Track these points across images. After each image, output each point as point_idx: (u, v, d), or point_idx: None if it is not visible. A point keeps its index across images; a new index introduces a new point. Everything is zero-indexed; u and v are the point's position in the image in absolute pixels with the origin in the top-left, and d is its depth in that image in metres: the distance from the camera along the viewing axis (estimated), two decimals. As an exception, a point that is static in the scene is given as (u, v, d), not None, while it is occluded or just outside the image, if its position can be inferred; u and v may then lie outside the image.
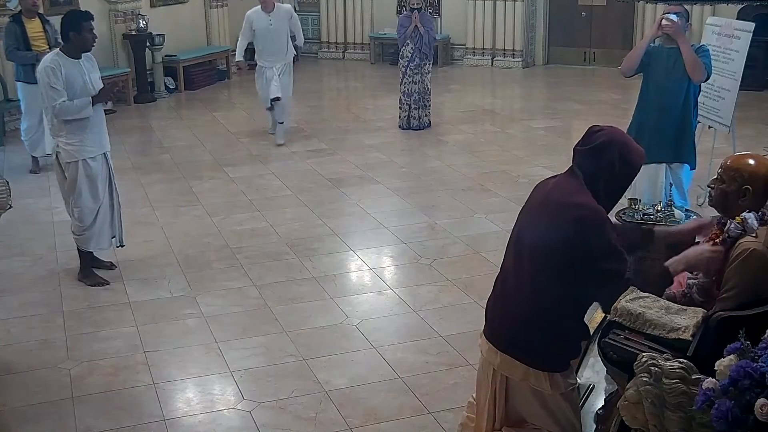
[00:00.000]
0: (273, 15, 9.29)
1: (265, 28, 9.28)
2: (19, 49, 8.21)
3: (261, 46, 9.40)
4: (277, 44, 9.35)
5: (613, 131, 3.09)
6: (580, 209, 2.98)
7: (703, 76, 5.60)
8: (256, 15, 9.33)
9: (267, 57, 9.39)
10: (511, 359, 3.15)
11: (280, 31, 9.31)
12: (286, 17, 9.39)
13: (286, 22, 9.36)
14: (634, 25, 13.56)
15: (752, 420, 2.24)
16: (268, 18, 9.27)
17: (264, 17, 9.28)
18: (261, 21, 9.27)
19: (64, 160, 5.59)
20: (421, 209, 7.29)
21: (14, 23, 8.31)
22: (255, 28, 9.29)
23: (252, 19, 9.31)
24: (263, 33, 9.30)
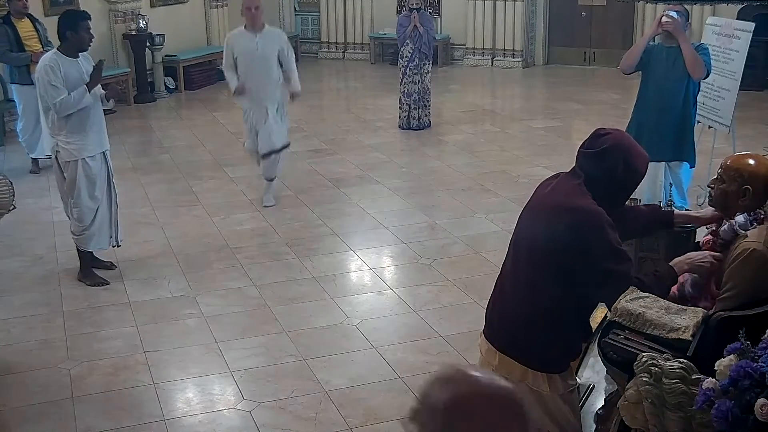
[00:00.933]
0: (261, 37, 7.01)
1: (249, 52, 6.98)
2: (12, 50, 8.17)
3: (244, 77, 7.04)
4: (266, 76, 7.01)
5: (619, 136, 3.08)
6: (577, 212, 2.98)
7: (703, 73, 5.60)
8: (238, 37, 7.08)
9: (253, 94, 7.05)
10: (510, 360, 3.14)
11: (270, 59, 7.03)
12: (278, 42, 7.11)
13: (278, 48, 7.10)
14: (634, 25, 13.55)
15: (752, 420, 2.24)
16: (254, 40, 6.98)
17: (249, 39, 7.00)
18: (244, 44, 7.01)
19: (63, 160, 5.59)
20: (421, 209, 7.29)
21: (4, 25, 8.24)
22: (237, 53, 6.98)
23: (232, 43, 7.06)
24: (247, 60, 6.99)
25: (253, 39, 6.97)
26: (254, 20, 6.95)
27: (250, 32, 6.99)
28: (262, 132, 7.13)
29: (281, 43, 7.09)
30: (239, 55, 6.98)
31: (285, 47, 7.10)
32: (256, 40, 6.97)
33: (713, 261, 3.14)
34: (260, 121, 7.14)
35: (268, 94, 7.08)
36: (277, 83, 7.11)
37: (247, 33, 7.00)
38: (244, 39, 7.00)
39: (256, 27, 7.00)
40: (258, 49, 6.96)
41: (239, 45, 6.99)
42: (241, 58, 6.99)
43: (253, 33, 6.98)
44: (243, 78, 7.01)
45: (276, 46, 7.05)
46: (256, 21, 6.96)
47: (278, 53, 7.04)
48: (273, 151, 7.20)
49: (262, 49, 6.98)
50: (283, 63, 7.08)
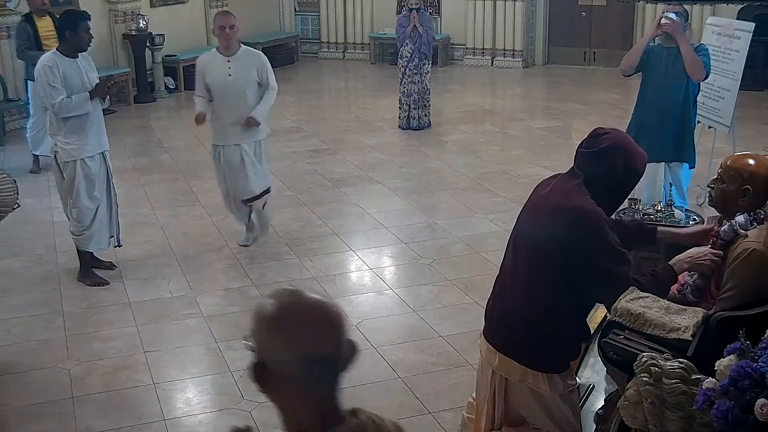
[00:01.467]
0: (235, 60, 5.98)
1: (220, 78, 5.94)
2: (30, 48, 8.23)
3: (216, 106, 6.05)
4: (240, 107, 5.96)
5: (618, 135, 3.08)
6: (577, 212, 2.98)
7: (702, 74, 5.60)
8: (209, 59, 6.07)
9: (225, 128, 6.04)
10: (510, 360, 3.15)
11: (245, 86, 5.96)
12: (255, 65, 6.03)
13: (254, 73, 6.02)
14: (634, 25, 13.55)
15: (752, 420, 2.24)
16: (227, 63, 5.97)
17: (220, 62, 5.98)
18: (215, 68, 5.98)
19: (62, 160, 5.60)
20: (421, 209, 7.29)
21: (25, 22, 8.37)
22: (208, 79, 5.99)
23: (203, 67, 6.05)
24: (218, 87, 5.97)
25: (225, 63, 5.95)
26: (228, 41, 5.94)
27: (222, 55, 5.99)
28: (237, 177, 6.11)
29: (258, 67, 6.02)
30: (210, 81, 5.97)
31: (263, 71, 6.03)
32: (228, 64, 5.94)
33: (713, 258, 3.13)
34: (232, 163, 6.07)
35: (243, 129, 6.00)
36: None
37: (219, 56, 6.00)
38: (215, 63, 5.98)
39: (229, 49, 5.97)
40: (231, 74, 5.94)
41: (210, 70, 5.97)
42: (212, 84, 5.97)
43: (225, 56, 5.98)
44: (215, 109, 6.04)
45: (252, 71, 5.98)
46: (230, 42, 5.94)
47: (257, 79, 6.02)
48: (253, 198, 6.23)
49: (236, 75, 5.93)
50: (261, 80, 6.06)
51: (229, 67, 5.96)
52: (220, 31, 5.96)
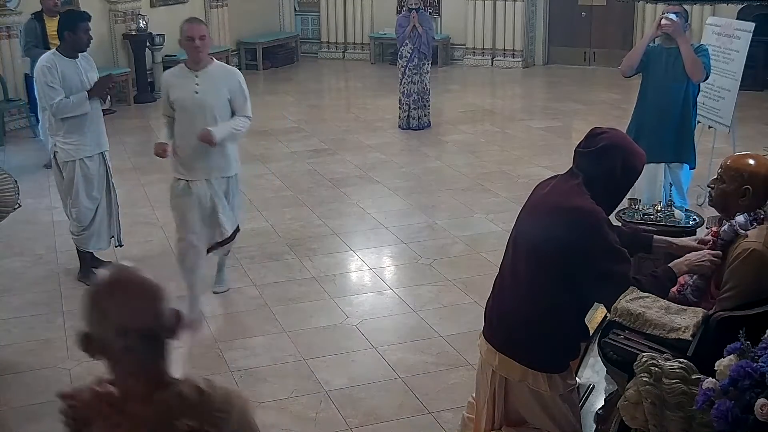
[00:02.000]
0: (203, 77, 5.02)
1: (186, 98, 5.00)
2: (38, 46, 8.28)
3: (180, 130, 5.08)
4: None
5: (616, 134, 3.09)
6: (576, 212, 2.98)
7: (702, 75, 5.60)
8: (174, 74, 5.15)
9: (190, 157, 5.05)
10: (510, 360, 3.15)
11: (214, 108, 5.00)
12: (227, 83, 5.08)
13: (225, 92, 5.05)
14: (634, 25, 13.55)
15: (752, 420, 2.24)
16: (194, 79, 5.00)
17: (186, 79, 5.03)
18: (181, 86, 5.04)
19: (61, 160, 5.60)
20: (421, 209, 7.29)
21: (35, 20, 8.49)
22: (172, 97, 5.06)
23: (167, 84, 5.15)
24: (183, 108, 5.03)
25: (192, 78, 4.98)
26: (197, 54, 4.98)
27: (190, 69, 5.02)
28: (209, 218, 5.17)
29: (231, 86, 5.06)
30: (175, 100, 5.04)
31: (237, 92, 5.07)
32: (195, 80, 4.97)
33: (713, 260, 3.14)
34: (198, 201, 5.09)
35: (212, 160, 5.05)
36: (225, 145, 5.08)
37: (186, 70, 5.04)
38: (181, 78, 5.03)
39: (198, 64, 5.01)
40: (198, 91, 4.96)
41: (175, 86, 5.04)
42: (176, 103, 5.04)
43: (192, 71, 5.01)
44: (178, 133, 5.06)
45: (223, 90, 5.02)
46: (199, 55, 4.98)
47: (229, 99, 5.06)
48: (223, 242, 5.33)
49: (204, 92, 4.96)
50: (234, 103, 5.09)
51: (196, 84, 4.97)
52: (189, 43, 4.95)
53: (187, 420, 1.70)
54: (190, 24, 5.07)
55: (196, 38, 4.96)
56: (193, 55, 5.02)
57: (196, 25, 5.06)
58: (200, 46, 4.97)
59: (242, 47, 14.48)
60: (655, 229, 4.63)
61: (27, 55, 8.63)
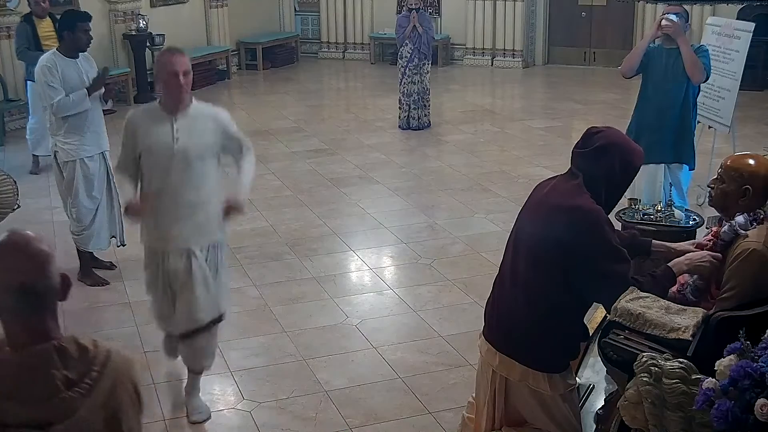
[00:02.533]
0: (183, 120, 3.98)
1: (162, 148, 3.95)
2: (30, 49, 8.25)
3: (151, 186, 4.03)
4: (191, 190, 4.00)
5: (612, 133, 3.09)
6: (576, 211, 2.98)
7: (702, 76, 5.60)
8: (143, 116, 4.06)
9: (166, 225, 4.02)
10: (510, 360, 3.15)
11: (198, 157, 3.98)
12: (214, 128, 4.04)
13: (212, 138, 4.02)
14: (634, 25, 13.55)
15: (752, 420, 2.24)
16: (172, 124, 3.96)
17: (161, 123, 3.98)
18: (155, 132, 3.97)
19: (62, 160, 5.60)
20: (421, 209, 7.29)
21: (25, 23, 8.39)
22: (142, 147, 3.98)
23: (135, 127, 4.02)
24: (157, 160, 3.98)
25: (169, 123, 3.94)
26: (181, 94, 3.91)
27: (166, 112, 3.96)
28: (179, 297, 4.05)
29: (218, 127, 4.04)
30: (145, 150, 3.96)
31: (228, 133, 4.08)
32: (174, 126, 3.93)
33: (712, 260, 3.14)
34: (176, 275, 4.03)
35: (195, 225, 4.00)
36: (210, 203, 4.02)
37: (161, 113, 3.97)
38: (155, 124, 3.95)
39: (177, 106, 3.94)
40: (178, 138, 3.92)
41: (147, 134, 3.96)
42: (148, 156, 3.96)
43: (170, 114, 3.95)
44: (150, 192, 4.01)
45: (209, 135, 4.00)
46: (183, 95, 3.92)
47: (213, 148, 4.03)
48: (198, 329, 4.11)
49: (186, 141, 3.92)
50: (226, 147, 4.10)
51: (175, 130, 3.91)
52: (172, 80, 3.88)
53: (66, 372, 1.79)
54: (171, 55, 3.93)
55: (180, 73, 3.87)
56: (176, 94, 3.91)
57: (180, 56, 3.92)
58: (185, 84, 3.91)
59: (242, 47, 14.48)
60: (655, 229, 4.64)
61: (21, 59, 8.58)
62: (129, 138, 4.03)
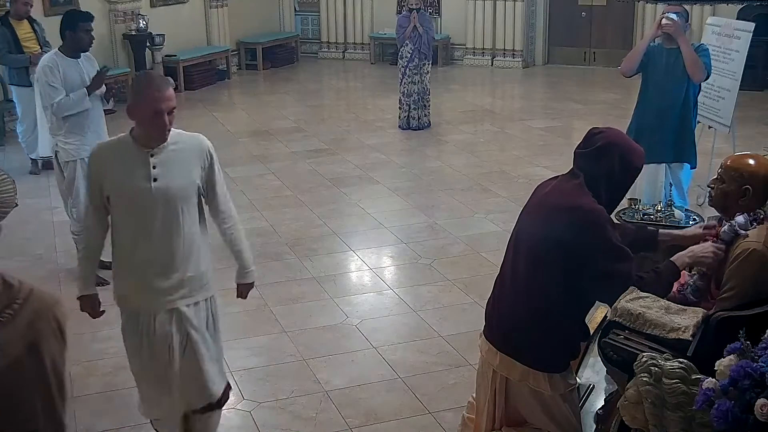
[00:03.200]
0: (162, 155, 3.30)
1: (137, 187, 3.28)
2: (11, 52, 8.17)
3: (125, 236, 3.37)
4: (172, 238, 3.34)
5: (613, 133, 3.09)
6: (577, 211, 2.98)
7: (703, 75, 5.60)
8: (113, 151, 3.42)
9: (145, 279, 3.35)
10: (510, 359, 3.15)
11: (179, 200, 3.33)
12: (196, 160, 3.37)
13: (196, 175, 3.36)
14: (634, 25, 13.56)
15: (752, 420, 2.25)
16: (147, 160, 3.29)
17: (135, 159, 3.31)
18: (127, 169, 3.30)
19: (62, 159, 5.60)
20: (421, 209, 7.29)
21: (2, 27, 8.21)
22: (110, 188, 3.33)
23: (103, 163, 3.38)
24: (131, 202, 3.32)
25: (145, 160, 3.27)
26: (163, 133, 3.26)
27: (141, 146, 3.29)
28: (181, 372, 3.40)
29: (203, 162, 3.37)
30: (115, 193, 3.31)
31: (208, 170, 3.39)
32: (151, 162, 3.27)
33: (716, 252, 3.12)
34: (166, 342, 3.35)
35: (182, 280, 3.35)
36: (200, 252, 3.44)
37: (135, 149, 3.30)
38: (127, 161, 3.29)
39: (156, 138, 3.27)
40: (156, 178, 3.26)
41: (117, 173, 3.30)
42: (119, 199, 3.31)
43: (145, 148, 3.28)
44: (122, 243, 3.36)
45: (192, 172, 3.34)
46: (164, 132, 3.26)
47: (200, 185, 3.38)
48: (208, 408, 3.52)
49: (165, 183, 3.27)
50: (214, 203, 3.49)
51: (152, 167, 3.25)
52: (156, 120, 3.21)
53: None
54: (157, 89, 3.20)
55: (165, 112, 3.20)
56: (159, 135, 3.24)
57: (167, 90, 3.23)
58: (169, 123, 3.24)
59: (242, 47, 14.48)
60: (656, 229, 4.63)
61: (1, 63, 8.47)
62: (94, 179, 3.36)
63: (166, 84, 3.27)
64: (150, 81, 3.28)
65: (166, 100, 3.23)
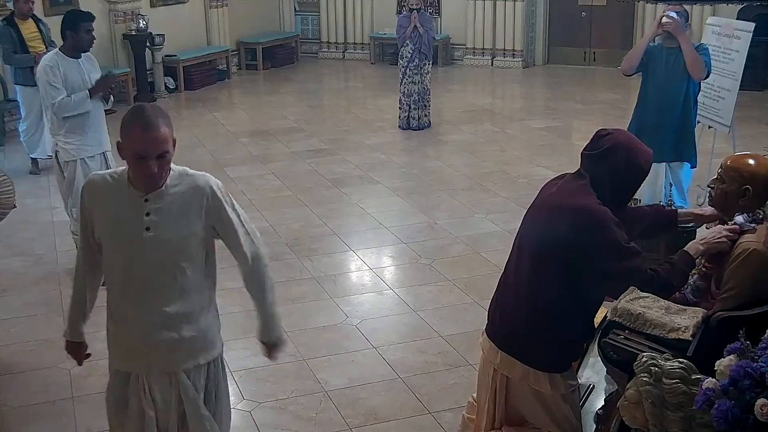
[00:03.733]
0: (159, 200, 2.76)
1: (131, 236, 2.77)
2: (16, 52, 8.18)
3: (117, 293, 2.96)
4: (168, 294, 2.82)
5: (620, 135, 3.09)
6: (580, 212, 2.97)
7: (703, 73, 5.61)
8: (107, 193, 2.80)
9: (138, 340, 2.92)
10: (511, 359, 3.15)
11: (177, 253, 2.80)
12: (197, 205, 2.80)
13: (198, 224, 2.80)
14: (634, 25, 13.56)
15: (752, 420, 2.25)
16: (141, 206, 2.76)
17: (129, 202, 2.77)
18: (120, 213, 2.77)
19: (62, 159, 5.60)
20: (421, 209, 7.29)
21: (7, 26, 8.23)
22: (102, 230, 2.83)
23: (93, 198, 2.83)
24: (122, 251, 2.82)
25: (139, 204, 2.78)
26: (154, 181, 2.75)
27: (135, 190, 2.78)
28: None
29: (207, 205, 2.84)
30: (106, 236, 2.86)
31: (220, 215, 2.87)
32: (145, 208, 2.78)
33: (729, 235, 3.08)
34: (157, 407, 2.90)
35: (179, 342, 2.88)
36: (201, 311, 2.97)
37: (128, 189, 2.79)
38: (120, 202, 2.80)
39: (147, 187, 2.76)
40: (150, 227, 2.78)
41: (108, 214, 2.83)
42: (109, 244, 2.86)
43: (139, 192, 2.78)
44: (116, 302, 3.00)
45: (195, 221, 2.82)
46: (156, 183, 2.76)
47: (201, 237, 2.86)
48: None
49: (161, 234, 2.78)
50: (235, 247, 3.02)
51: (147, 215, 2.76)
52: (138, 164, 2.68)
53: None
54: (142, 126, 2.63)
55: (152, 158, 2.65)
56: (143, 180, 2.72)
57: (155, 129, 2.64)
58: (160, 169, 2.70)
59: (242, 47, 14.48)
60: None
61: (7, 63, 8.49)
62: (85, 216, 2.87)
63: (157, 122, 2.65)
64: (137, 117, 2.67)
65: (153, 142, 2.63)
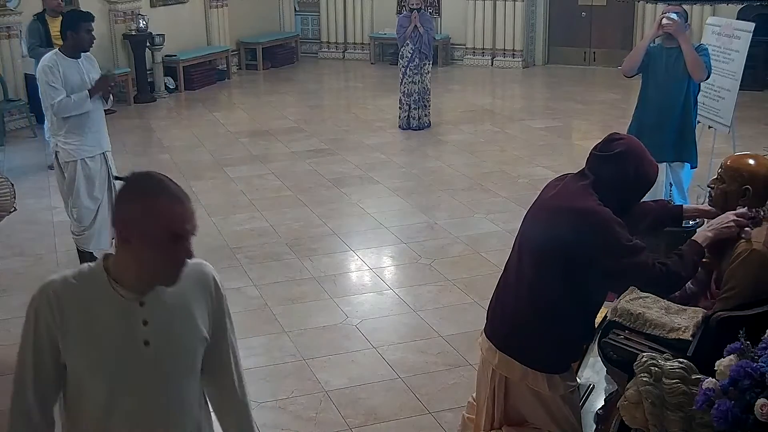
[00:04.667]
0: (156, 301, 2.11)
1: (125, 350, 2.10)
2: (42, 46, 8.32)
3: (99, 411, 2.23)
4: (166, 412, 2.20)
5: (633, 142, 3.09)
6: (580, 213, 2.97)
7: (703, 74, 5.61)
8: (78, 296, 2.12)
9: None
10: (510, 359, 3.15)
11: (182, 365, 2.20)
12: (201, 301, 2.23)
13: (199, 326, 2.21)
14: (634, 25, 13.55)
15: (752, 420, 2.25)
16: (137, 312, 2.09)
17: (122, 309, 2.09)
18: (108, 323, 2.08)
19: (62, 160, 5.60)
20: (421, 209, 7.29)
21: (37, 22, 8.56)
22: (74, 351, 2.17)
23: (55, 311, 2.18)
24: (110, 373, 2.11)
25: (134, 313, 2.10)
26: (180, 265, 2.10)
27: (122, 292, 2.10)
28: None
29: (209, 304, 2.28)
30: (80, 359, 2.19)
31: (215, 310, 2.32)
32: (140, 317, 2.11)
33: (738, 220, 3.05)
34: None
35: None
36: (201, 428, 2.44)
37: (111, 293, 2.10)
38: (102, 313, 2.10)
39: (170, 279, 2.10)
40: (149, 343, 2.12)
41: (82, 331, 2.13)
42: (86, 368, 2.18)
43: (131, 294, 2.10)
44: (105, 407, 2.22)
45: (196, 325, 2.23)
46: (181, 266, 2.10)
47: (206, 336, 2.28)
48: None
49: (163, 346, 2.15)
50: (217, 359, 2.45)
51: (143, 322, 2.13)
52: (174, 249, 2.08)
53: None
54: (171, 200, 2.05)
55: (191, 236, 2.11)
56: (178, 271, 2.12)
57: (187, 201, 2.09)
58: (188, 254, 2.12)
59: (242, 47, 14.48)
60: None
61: (32, 56, 8.68)
62: (42, 338, 2.28)
63: (181, 191, 2.08)
64: (157, 190, 2.05)
65: (191, 216, 2.08)
